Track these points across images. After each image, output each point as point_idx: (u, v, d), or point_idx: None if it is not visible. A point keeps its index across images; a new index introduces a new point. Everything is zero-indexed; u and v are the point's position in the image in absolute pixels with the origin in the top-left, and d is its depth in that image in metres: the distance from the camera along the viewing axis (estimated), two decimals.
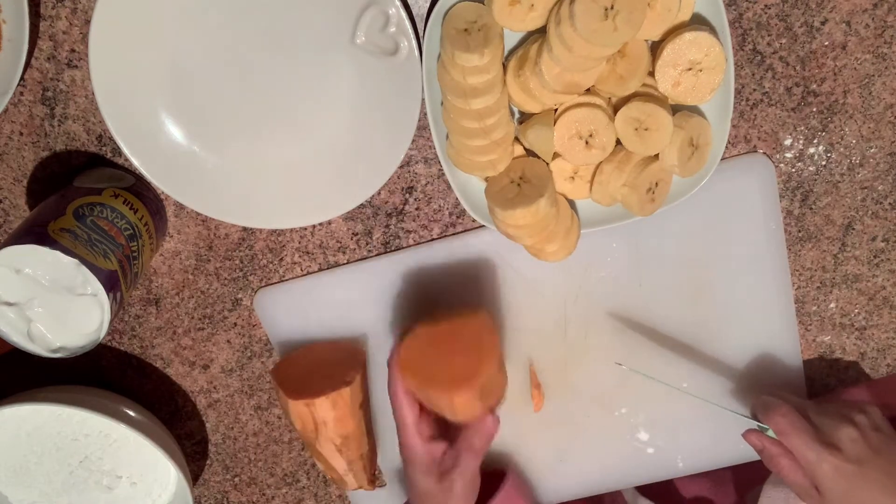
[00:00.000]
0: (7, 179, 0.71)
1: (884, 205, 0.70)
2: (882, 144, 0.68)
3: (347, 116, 0.66)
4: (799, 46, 0.65)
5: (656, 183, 0.62)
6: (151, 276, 0.74)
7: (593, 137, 0.61)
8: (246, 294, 0.75)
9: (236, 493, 0.85)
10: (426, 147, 0.68)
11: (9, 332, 0.62)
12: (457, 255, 0.71)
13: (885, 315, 0.75)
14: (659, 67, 0.59)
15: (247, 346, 0.77)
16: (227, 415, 0.81)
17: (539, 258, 0.67)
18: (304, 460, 0.83)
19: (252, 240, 0.72)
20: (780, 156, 0.69)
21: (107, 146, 0.69)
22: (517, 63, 0.60)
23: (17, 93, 0.67)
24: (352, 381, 0.68)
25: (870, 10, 0.63)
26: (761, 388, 0.75)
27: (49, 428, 0.74)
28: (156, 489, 0.78)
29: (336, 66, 0.64)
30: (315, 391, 0.67)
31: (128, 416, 0.73)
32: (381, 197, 0.70)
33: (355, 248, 0.73)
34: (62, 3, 0.63)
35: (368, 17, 0.61)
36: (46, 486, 0.77)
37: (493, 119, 0.59)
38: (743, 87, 0.66)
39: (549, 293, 0.73)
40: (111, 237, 0.62)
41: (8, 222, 0.73)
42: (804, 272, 0.73)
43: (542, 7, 0.57)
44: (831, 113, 0.67)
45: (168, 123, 0.66)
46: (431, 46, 0.60)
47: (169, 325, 0.76)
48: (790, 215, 0.71)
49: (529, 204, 0.60)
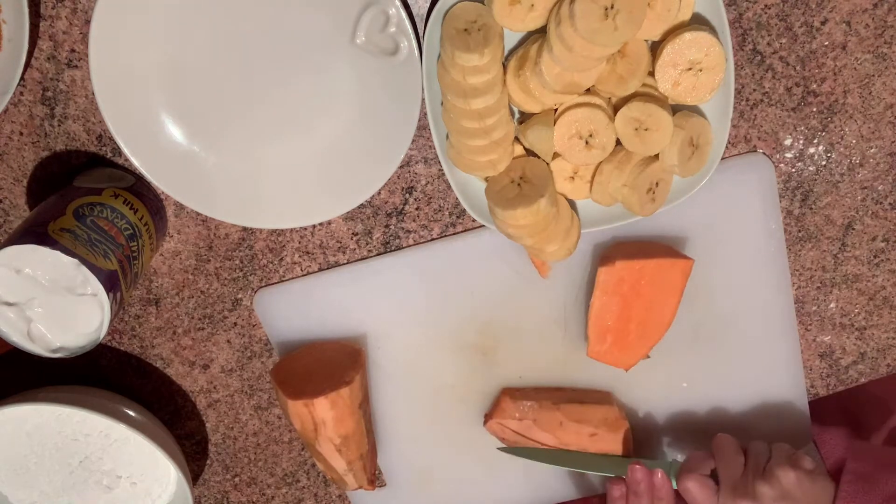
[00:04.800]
0: (7, 179, 0.71)
1: (884, 205, 0.70)
2: (882, 144, 0.68)
3: (347, 116, 0.66)
4: (799, 46, 0.65)
5: (657, 183, 0.62)
6: (151, 276, 0.74)
7: (593, 137, 0.61)
8: (246, 294, 0.75)
9: (236, 493, 0.85)
10: (426, 147, 0.68)
11: (9, 332, 0.62)
12: (457, 255, 0.71)
13: (885, 315, 0.75)
14: (659, 67, 0.59)
15: (247, 346, 0.77)
16: (227, 415, 0.81)
17: (539, 258, 0.67)
18: (304, 460, 0.83)
19: (252, 240, 0.72)
20: (780, 156, 0.69)
21: (107, 146, 0.69)
22: (517, 63, 0.60)
23: (17, 93, 0.67)
24: (351, 381, 0.68)
25: (870, 10, 0.63)
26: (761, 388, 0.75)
27: (49, 428, 0.74)
28: (156, 489, 0.77)
29: (336, 66, 0.64)
30: (314, 391, 0.67)
31: (128, 416, 0.73)
32: (381, 197, 0.70)
33: (355, 248, 0.73)
34: (62, 3, 0.63)
35: (368, 17, 0.61)
36: (46, 486, 0.77)
37: (493, 119, 0.59)
38: (743, 87, 0.66)
39: (549, 293, 0.73)
40: (111, 237, 0.62)
41: (8, 222, 0.73)
42: (804, 272, 0.73)
43: (542, 7, 0.57)
44: (831, 113, 0.67)
45: (168, 123, 0.66)
46: (431, 46, 0.60)
47: (169, 325, 0.76)
48: (790, 215, 0.71)
49: (530, 204, 0.60)
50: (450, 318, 0.74)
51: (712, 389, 0.76)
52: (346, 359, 0.72)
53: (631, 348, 0.70)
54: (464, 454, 0.79)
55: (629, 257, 0.66)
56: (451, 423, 0.78)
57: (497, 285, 0.72)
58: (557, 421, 0.72)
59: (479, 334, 0.74)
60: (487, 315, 0.73)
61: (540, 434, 0.72)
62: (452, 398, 0.77)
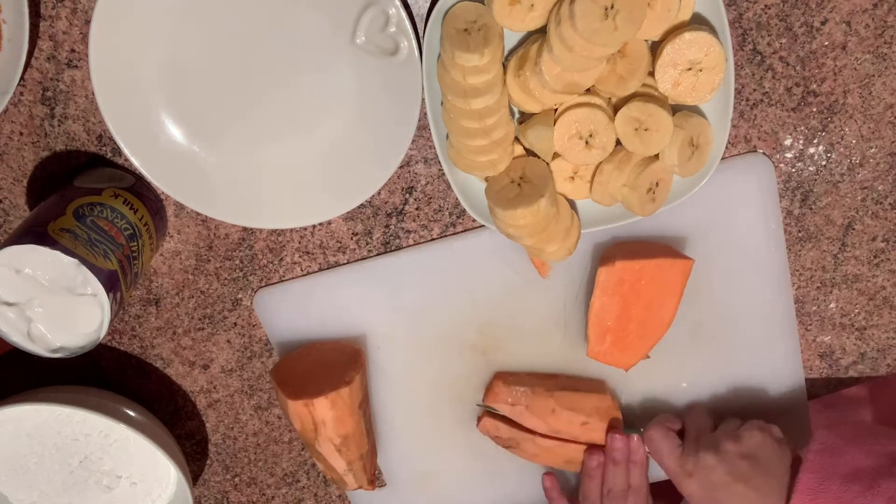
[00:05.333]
0: (7, 179, 0.71)
1: (884, 205, 0.70)
2: (882, 144, 0.68)
3: (347, 116, 0.66)
4: (799, 46, 0.65)
5: (657, 183, 0.62)
6: (151, 276, 0.74)
7: (593, 137, 0.61)
8: (246, 294, 0.75)
9: (236, 493, 0.85)
10: (426, 147, 0.68)
11: (9, 332, 0.62)
12: (457, 255, 0.71)
13: (885, 315, 0.75)
14: (659, 67, 0.59)
15: (247, 346, 0.77)
16: (227, 415, 0.81)
17: (540, 258, 0.67)
18: (304, 460, 0.83)
19: (252, 240, 0.72)
20: (780, 156, 0.69)
21: (107, 146, 0.69)
22: (517, 63, 0.60)
23: (17, 93, 0.67)
24: (351, 380, 0.68)
25: (870, 10, 0.63)
26: (761, 388, 0.75)
27: (49, 428, 0.74)
28: (156, 489, 0.77)
29: (336, 66, 0.64)
30: (314, 391, 0.67)
31: (128, 416, 0.73)
32: (381, 197, 0.70)
33: (355, 248, 0.73)
34: (62, 3, 0.63)
35: (368, 17, 0.61)
36: (46, 486, 0.77)
37: (493, 119, 0.59)
38: (743, 87, 0.66)
39: (548, 293, 0.73)
40: (111, 237, 0.62)
41: (8, 222, 0.73)
42: (804, 272, 0.73)
43: (542, 7, 0.57)
44: (831, 113, 0.67)
45: (168, 123, 0.66)
46: (431, 46, 0.60)
47: (169, 325, 0.76)
48: (790, 215, 0.71)
49: (530, 204, 0.60)
50: (450, 318, 0.74)
51: (712, 389, 0.76)
52: (345, 359, 0.72)
53: (631, 348, 0.70)
54: (463, 454, 0.79)
55: (629, 257, 0.66)
56: (450, 423, 0.78)
57: (497, 285, 0.72)
58: (550, 408, 0.72)
59: (479, 334, 0.74)
60: (487, 315, 0.73)
61: (532, 420, 0.72)
62: (452, 398, 0.77)
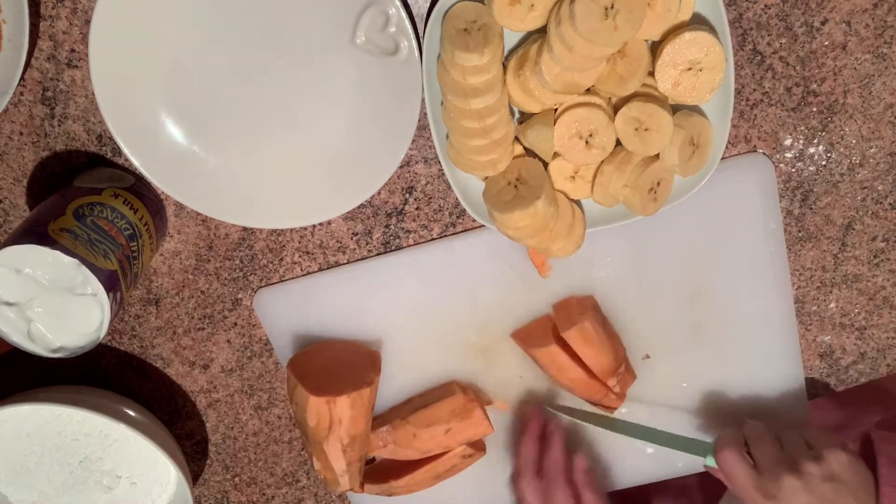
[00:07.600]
0: (7, 179, 0.71)
1: (884, 205, 0.70)
2: (882, 144, 0.68)
3: (347, 116, 0.66)
4: (799, 46, 0.65)
5: (658, 182, 0.62)
6: (151, 276, 0.74)
7: (593, 137, 0.61)
8: (246, 294, 0.75)
9: (236, 493, 0.85)
10: (426, 147, 0.68)
11: (9, 332, 0.62)
12: (457, 255, 0.71)
13: (885, 315, 0.75)
14: (659, 67, 0.59)
15: (247, 346, 0.77)
16: (227, 415, 0.81)
17: (547, 256, 0.66)
18: (304, 460, 0.83)
19: (252, 240, 0.72)
20: (780, 156, 0.69)
21: (107, 146, 0.69)
22: (517, 63, 0.60)
23: (17, 93, 0.67)
24: (371, 382, 0.68)
25: (870, 10, 0.63)
26: (761, 388, 0.75)
27: (49, 428, 0.74)
28: (156, 489, 0.77)
29: (336, 66, 0.64)
30: (335, 389, 0.67)
31: (128, 416, 0.73)
32: (381, 197, 0.70)
33: (355, 248, 0.73)
34: (62, 3, 0.63)
35: (368, 17, 0.61)
36: (46, 486, 0.77)
37: (493, 119, 0.59)
38: (743, 87, 0.66)
39: (549, 293, 0.73)
40: (111, 237, 0.62)
41: (8, 222, 0.73)
42: (804, 272, 0.73)
43: (542, 7, 0.57)
44: (831, 113, 0.67)
45: (168, 123, 0.66)
46: (431, 46, 0.60)
47: (169, 325, 0.76)
48: (790, 215, 0.71)
49: (527, 206, 0.60)
50: (450, 318, 0.74)
51: (712, 389, 0.76)
52: (363, 360, 0.72)
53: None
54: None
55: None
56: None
57: (497, 285, 0.72)
58: (411, 434, 0.72)
59: (479, 334, 0.74)
60: (487, 315, 0.73)
61: (404, 452, 0.73)
62: None
